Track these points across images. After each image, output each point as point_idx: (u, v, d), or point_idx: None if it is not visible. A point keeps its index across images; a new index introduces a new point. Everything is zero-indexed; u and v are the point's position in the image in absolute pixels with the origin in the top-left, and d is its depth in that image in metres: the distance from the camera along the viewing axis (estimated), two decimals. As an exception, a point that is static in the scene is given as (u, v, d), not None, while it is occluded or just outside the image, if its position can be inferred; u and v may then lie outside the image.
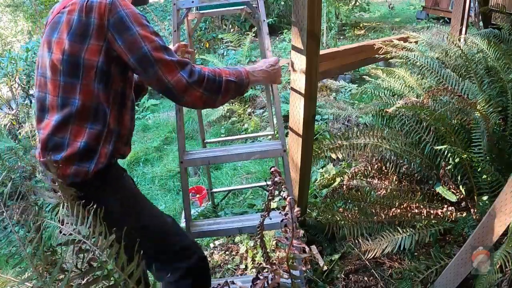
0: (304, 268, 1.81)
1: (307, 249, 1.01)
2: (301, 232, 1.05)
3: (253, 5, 1.88)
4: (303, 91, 1.70)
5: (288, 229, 0.97)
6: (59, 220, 0.97)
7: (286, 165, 1.72)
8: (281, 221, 1.01)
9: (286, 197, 1.01)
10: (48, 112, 1.24)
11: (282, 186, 1.01)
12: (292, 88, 1.78)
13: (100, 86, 1.21)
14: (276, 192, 1.05)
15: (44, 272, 0.85)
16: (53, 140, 1.22)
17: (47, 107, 1.24)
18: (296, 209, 1.02)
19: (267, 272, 0.91)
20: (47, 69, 1.23)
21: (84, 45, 1.18)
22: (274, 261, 1.20)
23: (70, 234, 0.88)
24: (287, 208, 1.04)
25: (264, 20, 1.83)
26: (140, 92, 1.61)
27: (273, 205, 2.26)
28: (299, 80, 1.71)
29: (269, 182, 1.03)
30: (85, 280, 0.83)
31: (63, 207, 0.98)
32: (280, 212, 1.02)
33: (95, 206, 1.01)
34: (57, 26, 1.20)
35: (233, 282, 1.06)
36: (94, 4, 1.17)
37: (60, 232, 0.95)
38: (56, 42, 1.19)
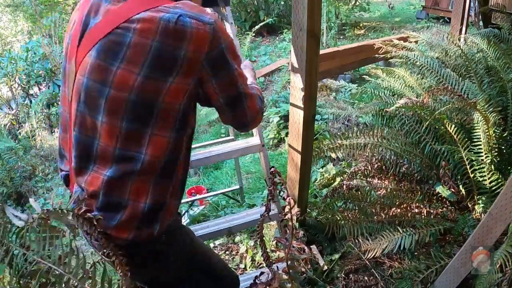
0: (303, 269, 1.81)
1: (306, 249, 1.01)
2: (301, 232, 1.05)
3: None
4: (303, 91, 1.70)
5: (287, 230, 0.98)
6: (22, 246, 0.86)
7: (265, 159, 1.78)
8: (281, 221, 1.01)
9: (285, 197, 1.01)
10: (96, 163, 0.95)
11: (282, 187, 1.01)
12: (292, 88, 1.78)
13: (176, 135, 0.94)
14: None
15: None
16: (105, 200, 0.94)
17: (95, 156, 0.94)
18: (296, 209, 1.02)
19: (265, 276, 0.90)
20: (99, 108, 0.91)
21: (165, 84, 0.87)
22: (274, 261, 1.20)
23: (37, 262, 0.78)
24: (286, 208, 1.04)
25: (231, 23, 1.88)
26: None
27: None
28: (299, 80, 1.71)
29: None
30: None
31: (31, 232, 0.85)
32: (280, 213, 1.02)
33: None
34: (120, 50, 0.86)
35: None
36: (188, 29, 0.85)
37: (26, 260, 0.84)
38: (120, 75, 0.87)
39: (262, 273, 1.11)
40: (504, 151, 1.94)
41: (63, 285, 0.80)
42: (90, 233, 0.90)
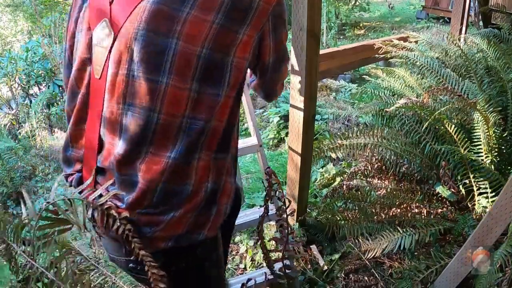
0: (299, 267, 1.81)
1: (301, 247, 1.01)
2: (296, 231, 1.05)
3: None
4: (303, 91, 1.70)
5: (283, 229, 0.98)
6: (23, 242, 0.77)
7: (263, 159, 1.76)
8: (276, 221, 1.02)
9: (281, 197, 1.01)
10: (154, 144, 0.78)
11: (277, 186, 1.01)
12: (292, 88, 1.78)
13: (237, 97, 0.84)
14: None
15: None
16: (165, 191, 0.79)
17: (153, 134, 0.77)
18: (291, 208, 1.02)
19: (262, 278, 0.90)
20: (161, 68, 0.75)
21: (237, 36, 0.76)
22: (273, 261, 1.20)
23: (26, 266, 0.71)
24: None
25: None
26: None
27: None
28: (299, 80, 1.71)
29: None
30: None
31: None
32: (276, 212, 1.02)
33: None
34: None
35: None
36: None
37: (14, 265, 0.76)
38: (191, 23, 0.73)
39: (249, 279, 1.09)
40: (504, 151, 1.94)
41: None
42: (122, 238, 0.76)
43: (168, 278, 0.78)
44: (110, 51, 0.78)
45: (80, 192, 0.81)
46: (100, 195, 0.78)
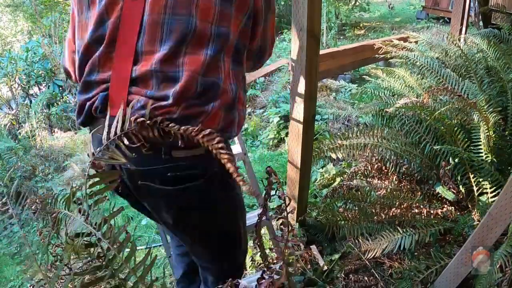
0: (299, 266, 1.81)
1: (302, 246, 1.02)
2: (295, 230, 1.05)
3: None
4: (303, 91, 1.70)
5: (283, 228, 0.98)
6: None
7: (249, 167, 1.84)
8: (277, 220, 1.01)
9: (281, 195, 1.01)
10: (192, 44, 0.94)
11: (277, 185, 1.01)
12: (292, 88, 1.78)
13: (245, 25, 1.04)
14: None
15: (50, 269, 0.82)
16: (204, 82, 0.95)
17: (191, 36, 0.94)
18: (291, 207, 1.03)
19: (271, 272, 0.90)
20: None
21: None
22: (272, 261, 1.20)
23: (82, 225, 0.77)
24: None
25: None
26: None
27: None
28: (299, 80, 1.71)
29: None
30: (87, 278, 0.75)
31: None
32: (276, 211, 1.02)
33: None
34: None
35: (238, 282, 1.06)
36: None
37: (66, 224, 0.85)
38: None
39: (269, 268, 1.10)
40: (504, 151, 1.94)
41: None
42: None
43: (206, 182, 0.98)
44: None
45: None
46: (142, 107, 0.89)
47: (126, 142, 0.81)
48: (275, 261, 1.20)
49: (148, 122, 0.81)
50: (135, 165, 0.95)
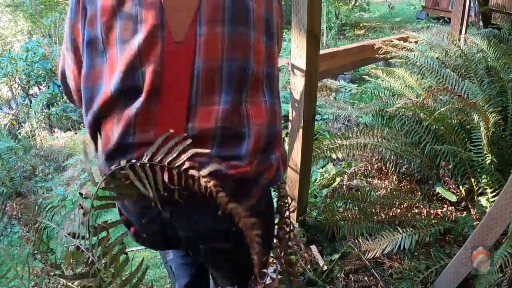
0: (298, 264, 1.81)
1: (302, 246, 1.02)
2: (296, 229, 1.05)
3: None
4: (303, 91, 1.70)
5: (284, 227, 0.98)
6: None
7: None
8: (280, 219, 1.01)
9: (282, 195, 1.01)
10: (251, 91, 0.85)
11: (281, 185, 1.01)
12: (292, 88, 1.78)
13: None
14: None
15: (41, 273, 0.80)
16: (269, 132, 0.86)
17: (249, 82, 0.84)
18: (293, 206, 1.03)
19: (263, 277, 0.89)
20: (249, 22, 0.84)
21: None
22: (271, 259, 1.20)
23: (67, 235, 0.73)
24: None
25: None
26: None
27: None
28: (299, 80, 1.71)
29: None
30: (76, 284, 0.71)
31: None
32: (276, 211, 1.02)
33: None
34: None
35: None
36: None
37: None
38: None
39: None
40: (504, 151, 1.94)
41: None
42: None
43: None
44: (196, 12, 0.80)
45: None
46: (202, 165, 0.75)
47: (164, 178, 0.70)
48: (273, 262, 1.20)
49: (211, 183, 0.69)
50: (192, 230, 0.86)
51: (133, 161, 0.72)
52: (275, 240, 1.00)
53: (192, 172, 0.70)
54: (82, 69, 0.85)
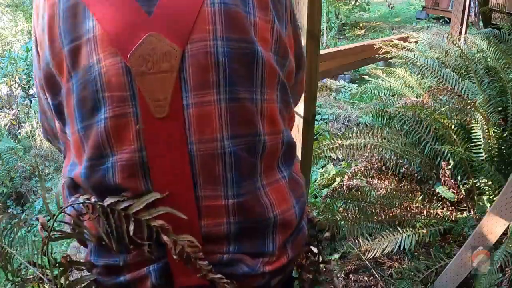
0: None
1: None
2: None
3: None
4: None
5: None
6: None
7: None
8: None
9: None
10: (265, 171, 0.67)
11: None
12: (292, 88, 1.78)
13: None
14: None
15: None
16: (293, 220, 0.71)
17: (262, 161, 0.66)
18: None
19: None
20: (253, 81, 0.62)
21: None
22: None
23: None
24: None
25: None
26: None
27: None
28: (299, 80, 1.71)
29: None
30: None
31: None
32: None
33: None
34: None
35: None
36: None
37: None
38: (260, 25, 0.62)
39: None
40: (504, 151, 1.94)
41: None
42: None
43: None
44: (178, 75, 0.58)
45: None
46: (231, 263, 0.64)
47: None
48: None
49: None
50: None
51: (93, 199, 0.60)
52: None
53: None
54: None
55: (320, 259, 0.88)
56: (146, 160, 0.59)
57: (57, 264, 0.64)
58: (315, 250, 0.89)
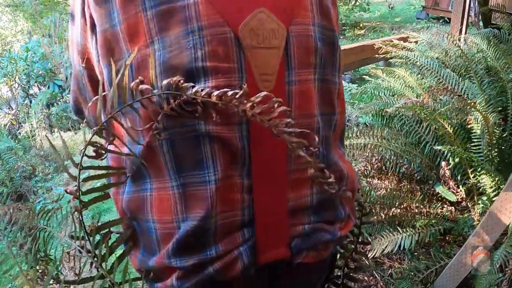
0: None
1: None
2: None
3: None
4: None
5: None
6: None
7: None
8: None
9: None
10: (334, 145, 0.72)
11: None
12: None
13: None
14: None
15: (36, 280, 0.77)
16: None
17: (334, 137, 0.72)
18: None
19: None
20: (335, 65, 0.69)
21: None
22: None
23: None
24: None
25: None
26: None
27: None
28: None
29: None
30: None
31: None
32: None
33: None
34: None
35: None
36: None
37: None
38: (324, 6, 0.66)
39: None
40: (504, 151, 1.94)
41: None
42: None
43: None
44: (284, 52, 0.60)
45: None
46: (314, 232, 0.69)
47: None
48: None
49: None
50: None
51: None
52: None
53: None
54: None
55: (360, 240, 0.95)
56: (246, 133, 0.59)
57: (94, 229, 0.65)
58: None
